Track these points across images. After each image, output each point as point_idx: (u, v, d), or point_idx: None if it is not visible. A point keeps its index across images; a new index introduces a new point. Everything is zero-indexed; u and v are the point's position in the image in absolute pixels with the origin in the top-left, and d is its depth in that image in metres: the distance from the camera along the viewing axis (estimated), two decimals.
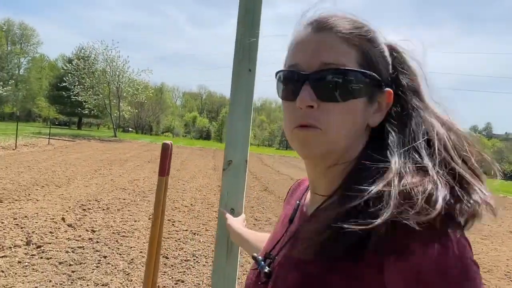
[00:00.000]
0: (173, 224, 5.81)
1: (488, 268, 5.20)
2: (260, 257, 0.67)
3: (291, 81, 0.58)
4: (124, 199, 7.22)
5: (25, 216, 5.34)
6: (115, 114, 37.09)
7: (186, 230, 5.53)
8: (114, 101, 36.42)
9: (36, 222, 5.10)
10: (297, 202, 0.73)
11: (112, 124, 38.72)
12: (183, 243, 4.93)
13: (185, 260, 4.33)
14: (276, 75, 0.63)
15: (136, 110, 52.21)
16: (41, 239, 4.49)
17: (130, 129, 62.66)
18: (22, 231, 4.74)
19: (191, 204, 7.34)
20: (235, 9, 1.56)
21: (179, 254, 4.48)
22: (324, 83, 0.55)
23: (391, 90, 0.59)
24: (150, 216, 6.12)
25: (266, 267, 0.63)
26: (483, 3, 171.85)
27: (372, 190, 0.48)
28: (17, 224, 4.98)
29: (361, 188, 0.49)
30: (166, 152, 1.95)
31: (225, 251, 1.43)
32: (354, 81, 0.55)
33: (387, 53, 0.60)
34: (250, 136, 1.53)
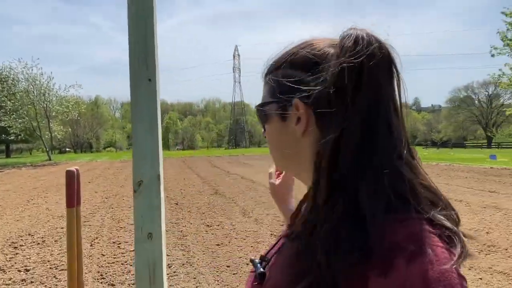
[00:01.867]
0: (118, 246, 5.45)
1: None
2: (256, 260, 0.70)
3: None
4: (62, 228, 6.64)
5: None
6: (46, 136, 34.27)
7: (133, 250, 5.22)
8: (43, 122, 33.63)
9: None
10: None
11: (44, 147, 35.78)
12: (130, 265, 4.64)
13: (133, 284, 4.06)
14: None
15: (70, 129, 48.80)
16: None
17: (67, 149, 58.50)
18: None
19: None
20: (161, 12, 1.41)
21: (126, 279, 4.20)
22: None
23: (298, 100, 0.59)
24: (93, 242, 5.70)
25: (261, 268, 0.66)
26: None
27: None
28: None
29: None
30: (71, 180, 1.74)
31: (147, 285, 1.29)
32: (261, 111, 0.67)
33: (293, 71, 0.61)
34: (161, 148, 1.40)
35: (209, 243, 5.43)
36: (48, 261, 4.84)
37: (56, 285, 4.06)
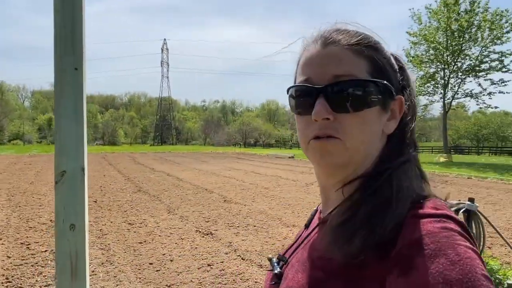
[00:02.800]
0: (28, 247, 4.98)
1: None
2: (274, 259, 0.69)
3: (305, 95, 0.59)
4: None
5: None
6: None
7: (45, 251, 4.82)
8: None
9: None
10: (315, 209, 0.75)
11: None
12: (42, 266, 4.29)
13: (45, 286, 3.77)
14: (287, 91, 0.63)
15: None
16: None
17: None
18: None
19: (50, 221, 6.42)
20: None
21: (37, 281, 3.88)
22: (338, 95, 0.55)
23: (403, 97, 0.60)
24: None
25: (278, 268, 0.65)
26: (321, 1, 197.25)
27: (383, 197, 0.52)
28: None
29: (374, 196, 0.53)
30: None
31: (69, 277, 1.27)
32: (367, 91, 0.56)
33: (393, 62, 0.61)
34: (85, 141, 1.38)
35: (131, 241, 5.25)
36: None
37: None
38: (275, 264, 0.68)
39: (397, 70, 0.61)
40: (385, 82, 0.57)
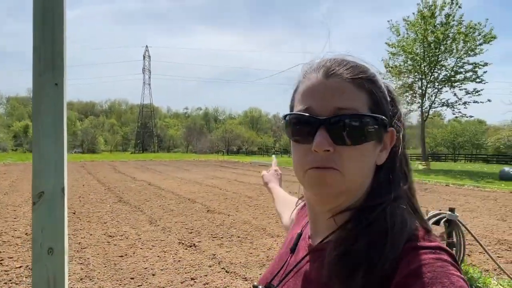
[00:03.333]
0: (0, 263, 4.75)
1: None
2: (260, 287, 0.67)
3: (305, 124, 0.59)
4: None
5: None
6: None
7: (20, 267, 4.61)
8: None
9: None
10: (299, 232, 0.74)
11: None
12: (16, 283, 4.09)
13: None
14: (285, 117, 0.63)
15: None
16: None
17: None
18: None
19: (26, 234, 6.17)
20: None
21: None
22: (339, 128, 0.56)
23: (394, 130, 0.62)
24: None
25: None
26: (305, 10, 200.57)
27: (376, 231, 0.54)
28: None
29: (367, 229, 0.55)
30: None
31: None
32: (368, 125, 0.57)
33: (387, 94, 0.63)
34: (66, 159, 1.32)
35: (111, 255, 5.09)
36: None
37: None
38: None
39: (390, 101, 0.63)
40: (382, 117, 0.59)
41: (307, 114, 0.58)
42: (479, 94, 26.09)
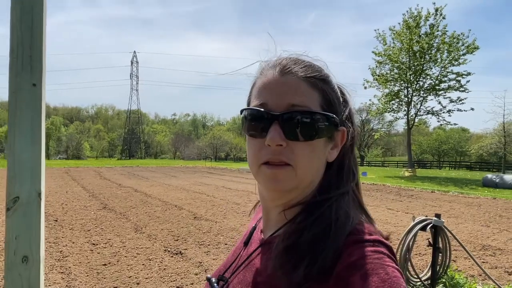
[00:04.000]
0: None
1: None
2: (213, 279, 0.69)
3: (260, 119, 0.60)
4: None
5: None
6: None
7: None
8: None
9: None
10: (254, 225, 0.76)
11: None
12: None
13: None
14: (241, 112, 0.65)
15: None
16: None
17: None
18: None
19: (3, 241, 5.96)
20: (49, 5, 1.27)
21: None
22: (292, 123, 0.58)
23: (345, 129, 0.65)
24: None
25: None
26: (291, 19, 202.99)
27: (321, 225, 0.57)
28: None
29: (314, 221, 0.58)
30: None
31: None
32: (319, 122, 0.59)
33: (339, 95, 0.65)
34: (43, 163, 1.27)
35: (94, 263, 4.95)
36: None
37: None
38: (215, 284, 0.67)
39: (342, 102, 0.66)
40: (334, 115, 0.61)
41: (262, 109, 0.60)
42: (462, 103, 26.72)
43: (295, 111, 0.58)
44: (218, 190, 14.12)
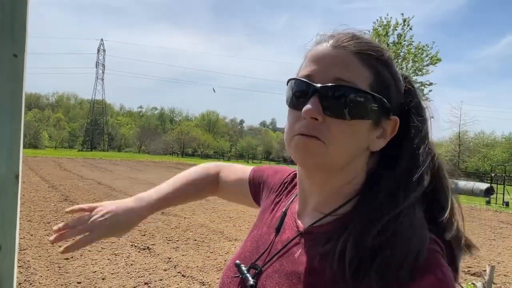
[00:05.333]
0: None
1: None
2: (243, 266, 0.63)
3: (301, 90, 0.57)
4: None
5: None
6: None
7: None
8: None
9: None
10: (283, 210, 0.70)
11: None
12: None
13: None
14: (287, 82, 0.61)
15: None
16: None
17: None
18: None
19: None
20: None
21: None
22: (332, 98, 0.54)
23: (398, 119, 0.58)
24: None
25: (251, 278, 0.60)
26: (265, 18, 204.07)
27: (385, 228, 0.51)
28: None
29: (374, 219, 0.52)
30: None
31: None
32: (363, 102, 0.54)
33: (401, 82, 0.60)
34: (21, 142, 1.15)
35: (55, 257, 4.68)
36: None
37: None
38: (246, 272, 0.62)
39: (403, 91, 0.61)
40: (383, 99, 0.56)
41: (304, 80, 0.57)
42: None
43: (337, 85, 0.54)
44: None
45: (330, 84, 0.55)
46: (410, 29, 26.68)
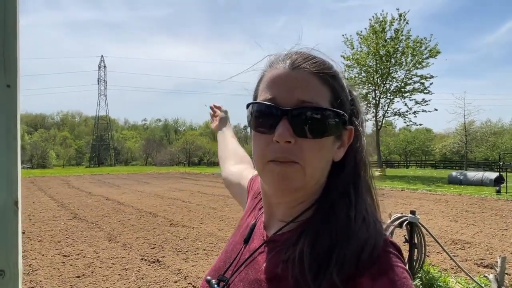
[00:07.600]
0: None
1: None
2: (213, 281, 0.66)
3: (268, 114, 0.58)
4: None
5: None
6: None
7: None
8: None
9: None
10: (253, 221, 0.72)
11: None
12: None
13: None
14: (247, 106, 0.63)
15: None
16: None
17: None
18: None
19: None
20: None
21: None
22: (302, 119, 0.56)
23: (353, 128, 0.63)
24: None
25: None
26: (262, 23, 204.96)
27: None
28: None
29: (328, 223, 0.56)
30: None
31: None
32: (329, 119, 0.57)
33: (348, 94, 0.63)
34: (19, 169, 1.18)
35: (66, 276, 4.72)
36: None
37: None
38: (215, 286, 0.65)
39: (350, 100, 0.64)
40: (343, 112, 0.60)
41: (271, 104, 0.58)
42: (427, 104, 27.94)
43: (305, 107, 0.56)
44: (193, 195, 13.92)
45: (299, 107, 0.57)
46: (407, 23, 26.69)
